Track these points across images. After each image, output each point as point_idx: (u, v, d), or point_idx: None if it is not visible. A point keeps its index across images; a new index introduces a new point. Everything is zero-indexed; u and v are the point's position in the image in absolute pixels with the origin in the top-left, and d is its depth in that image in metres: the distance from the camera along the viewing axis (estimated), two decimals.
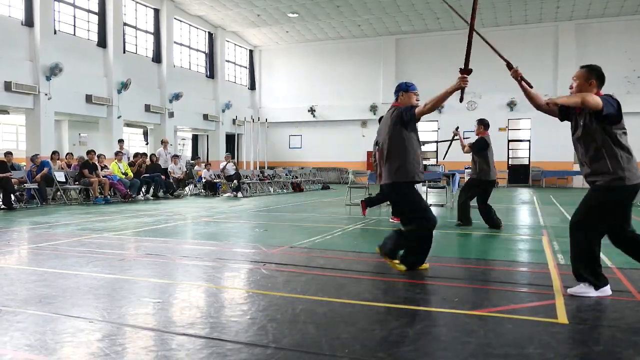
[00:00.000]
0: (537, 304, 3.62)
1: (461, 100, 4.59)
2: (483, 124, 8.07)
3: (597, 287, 3.76)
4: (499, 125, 23.83)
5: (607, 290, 3.77)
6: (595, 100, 3.64)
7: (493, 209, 7.86)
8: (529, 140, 23.91)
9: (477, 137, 8.02)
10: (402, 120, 4.57)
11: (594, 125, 3.78)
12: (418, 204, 4.64)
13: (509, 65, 4.29)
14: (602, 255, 5.43)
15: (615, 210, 3.80)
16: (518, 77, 4.20)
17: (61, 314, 3.34)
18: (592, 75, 3.90)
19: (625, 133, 3.86)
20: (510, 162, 24.13)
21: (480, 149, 7.83)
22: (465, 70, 4.41)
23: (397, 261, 4.60)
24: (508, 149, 24.10)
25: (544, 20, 22.87)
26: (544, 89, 23.35)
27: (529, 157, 23.92)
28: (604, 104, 3.65)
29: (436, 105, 4.41)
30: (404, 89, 4.81)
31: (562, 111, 4.12)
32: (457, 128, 8.59)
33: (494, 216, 7.73)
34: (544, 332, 2.99)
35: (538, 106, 4.14)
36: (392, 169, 4.58)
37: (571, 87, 4.02)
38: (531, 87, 4.22)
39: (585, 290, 3.78)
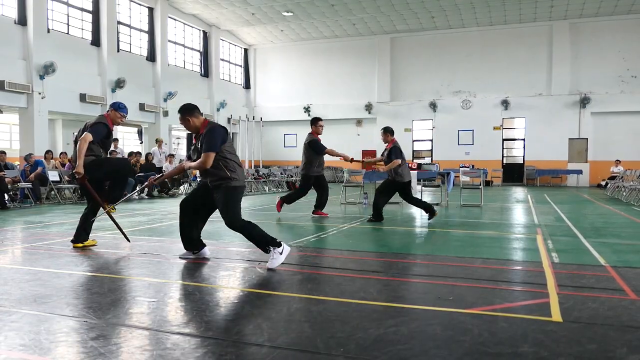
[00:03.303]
0: (531, 302, 3.64)
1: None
2: (390, 132, 8.70)
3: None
4: (493, 124, 23.93)
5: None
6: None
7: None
8: (524, 139, 23.99)
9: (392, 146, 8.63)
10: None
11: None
12: None
13: None
14: (595, 254, 5.49)
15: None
16: None
17: (55, 313, 3.33)
18: (186, 114, 5.25)
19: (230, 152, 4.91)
20: (504, 161, 24.21)
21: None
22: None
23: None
24: (502, 148, 24.18)
25: (538, 20, 22.94)
26: (538, 88, 23.50)
27: (524, 156, 24.00)
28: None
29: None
30: (115, 107, 5.93)
31: None
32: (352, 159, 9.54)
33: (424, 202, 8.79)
34: (538, 330, 3.01)
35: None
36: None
37: None
38: None
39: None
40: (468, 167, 17.14)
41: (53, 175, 12.74)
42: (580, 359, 2.58)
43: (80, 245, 5.87)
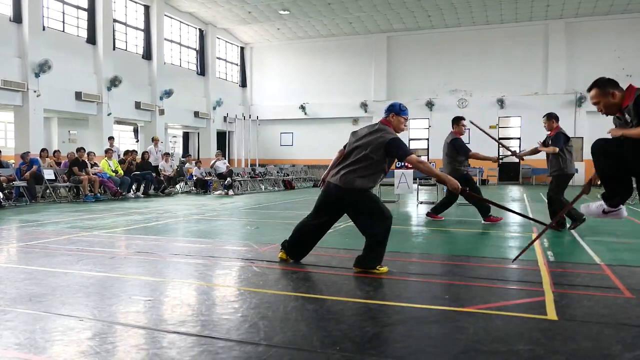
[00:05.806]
0: (526, 300, 3.65)
1: None
2: (555, 118, 7.45)
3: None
4: (489, 123, 23.92)
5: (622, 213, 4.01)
6: None
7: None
8: (519, 138, 24.04)
9: (555, 133, 7.30)
10: (387, 151, 4.47)
11: None
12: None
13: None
14: (590, 253, 5.51)
15: None
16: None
17: (51, 312, 3.32)
18: (608, 87, 3.77)
19: None
20: (500, 160, 24.26)
21: (566, 142, 7.29)
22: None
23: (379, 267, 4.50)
24: (498, 147, 24.19)
25: (534, 19, 22.98)
26: (534, 87, 23.56)
27: None
28: None
29: (423, 171, 4.51)
30: (396, 111, 4.71)
31: None
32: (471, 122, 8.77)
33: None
34: (533, 328, 3.02)
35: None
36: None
37: (600, 111, 3.87)
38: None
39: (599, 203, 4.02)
40: None
41: (48, 174, 12.70)
42: (575, 356, 2.59)
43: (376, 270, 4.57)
